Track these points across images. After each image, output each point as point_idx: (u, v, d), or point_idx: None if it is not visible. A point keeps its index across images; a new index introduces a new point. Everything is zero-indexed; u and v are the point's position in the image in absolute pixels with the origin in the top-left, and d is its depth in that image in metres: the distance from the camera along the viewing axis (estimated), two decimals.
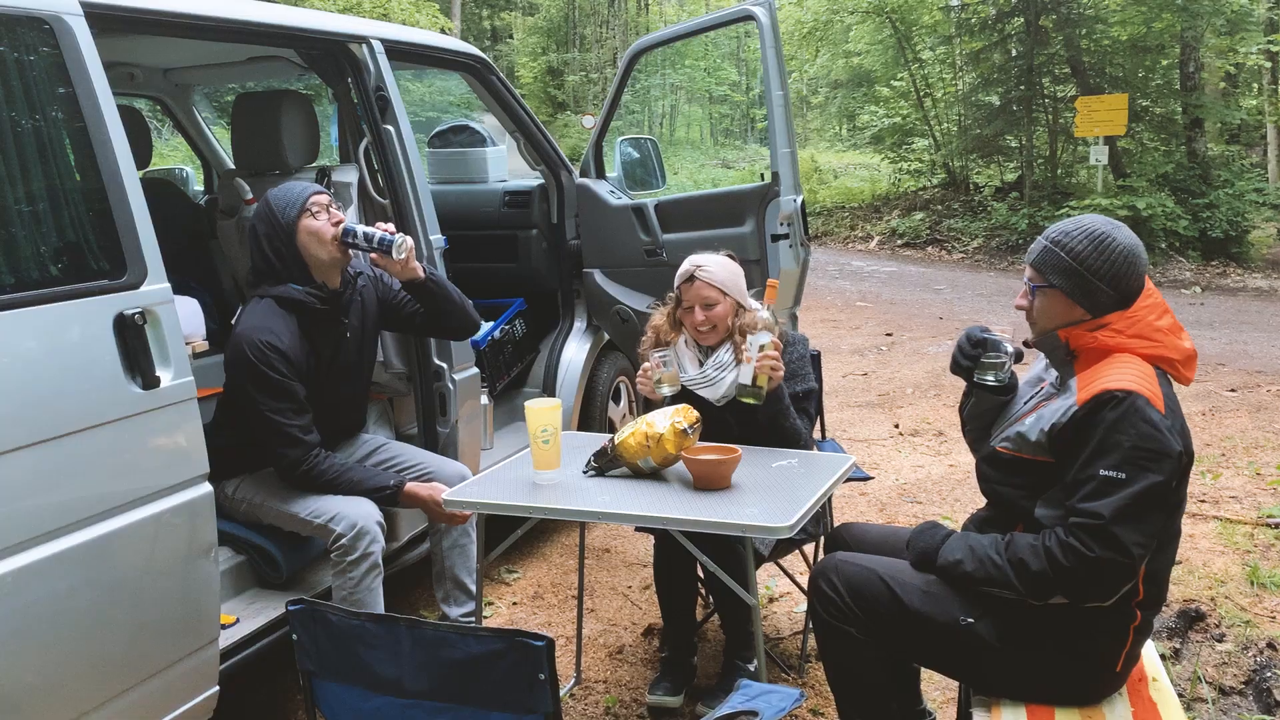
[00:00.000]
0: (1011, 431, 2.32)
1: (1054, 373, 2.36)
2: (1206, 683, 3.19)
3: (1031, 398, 2.38)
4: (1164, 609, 3.53)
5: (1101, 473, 2.08)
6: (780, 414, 2.99)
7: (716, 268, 3.06)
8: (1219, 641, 3.42)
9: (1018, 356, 2.44)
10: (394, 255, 3.02)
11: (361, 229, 3.02)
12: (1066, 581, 2.12)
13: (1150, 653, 2.47)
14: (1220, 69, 15.67)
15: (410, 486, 3.04)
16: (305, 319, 2.97)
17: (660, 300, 3.30)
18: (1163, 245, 12.84)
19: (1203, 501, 4.64)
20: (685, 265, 3.10)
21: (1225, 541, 4.18)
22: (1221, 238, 12.98)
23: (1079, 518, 2.09)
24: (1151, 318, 2.23)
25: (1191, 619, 3.53)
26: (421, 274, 3.14)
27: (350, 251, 3.02)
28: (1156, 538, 2.13)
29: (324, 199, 3.01)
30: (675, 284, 3.12)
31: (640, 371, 3.05)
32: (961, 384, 2.55)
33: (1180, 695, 2.74)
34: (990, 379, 2.42)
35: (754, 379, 2.87)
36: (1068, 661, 2.22)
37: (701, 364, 3.10)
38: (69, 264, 2.28)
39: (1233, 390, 6.84)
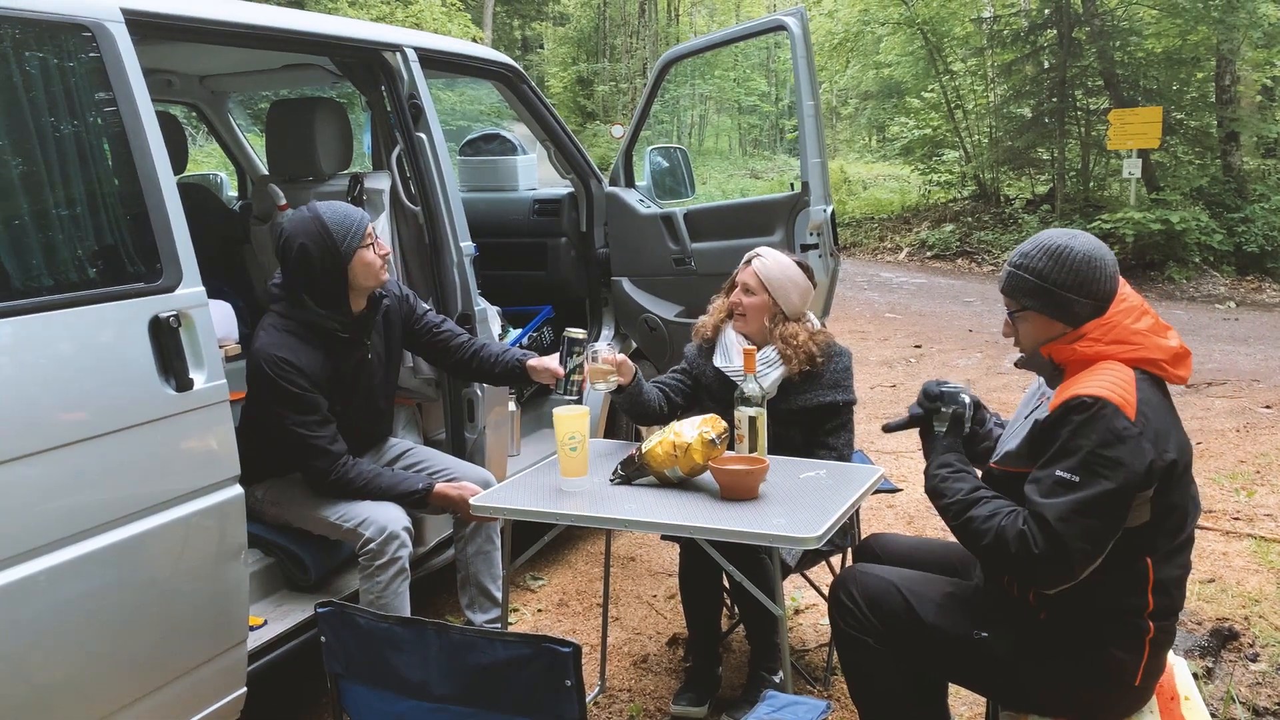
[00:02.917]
0: (1003, 449, 2.34)
1: (1049, 390, 2.35)
2: (1240, 703, 3.14)
3: (1029, 414, 2.37)
4: (1197, 628, 3.48)
5: (1057, 473, 2.09)
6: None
7: (772, 262, 3.15)
8: (1253, 661, 3.36)
9: (976, 405, 2.49)
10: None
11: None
12: (1009, 564, 2.14)
13: (1182, 671, 2.44)
14: (1256, 82, 15.46)
15: (440, 487, 3.05)
16: (327, 341, 2.98)
17: (687, 308, 3.33)
18: (1196, 259, 12.69)
19: (1237, 519, 4.58)
20: (754, 251, 3.22)
21: (1260, 560, 4.12)
22: (1256, 253, 12.80)
23: (1033, 510, 2.10)
24: (1128, 321, 2.20)
25: (1225, 638, 3.48)
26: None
27: (381, 273, 3.03)
28: (1105, 544, 2.10)
29: (373, 227, 3.04)
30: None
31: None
32: None
33: (1213, 715, 2.70)
34: (946, 432, 2.45)
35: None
36: (1083, 675, 2.20)
37: None
38: (106, 267, 2.31)
39: (1268, 407, 6.74)
